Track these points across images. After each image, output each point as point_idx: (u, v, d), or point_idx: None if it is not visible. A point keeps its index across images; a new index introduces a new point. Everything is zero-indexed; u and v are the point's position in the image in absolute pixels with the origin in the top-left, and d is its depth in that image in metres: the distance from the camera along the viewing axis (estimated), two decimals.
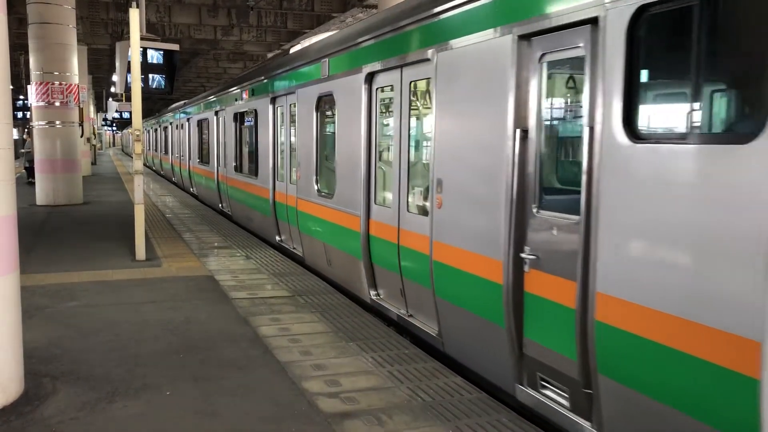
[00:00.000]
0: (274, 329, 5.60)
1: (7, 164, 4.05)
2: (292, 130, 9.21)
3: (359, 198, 6.52)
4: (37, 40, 14.89)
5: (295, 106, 8.88)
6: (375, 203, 6.36)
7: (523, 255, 4.07)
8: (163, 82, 10.59)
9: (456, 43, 4.80)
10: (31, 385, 4.29)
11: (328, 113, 7.93)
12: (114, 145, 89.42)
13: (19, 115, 29.68)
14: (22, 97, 29.08)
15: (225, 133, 13.77)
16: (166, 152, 26.12)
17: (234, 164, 12.93)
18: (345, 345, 5.21)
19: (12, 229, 4.09)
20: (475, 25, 4.55)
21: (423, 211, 5.51)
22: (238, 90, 12.48)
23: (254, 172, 11.07)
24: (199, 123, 17.36)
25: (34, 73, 15.07)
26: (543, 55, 3.94)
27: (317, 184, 8.01)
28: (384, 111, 6.43)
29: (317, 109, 7.98)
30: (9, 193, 4.05)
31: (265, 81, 10.43)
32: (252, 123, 11.36)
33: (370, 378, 4.51)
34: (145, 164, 33.18)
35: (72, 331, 5.54)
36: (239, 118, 12.62)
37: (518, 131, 4.05)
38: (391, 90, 6.07)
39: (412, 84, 5.69)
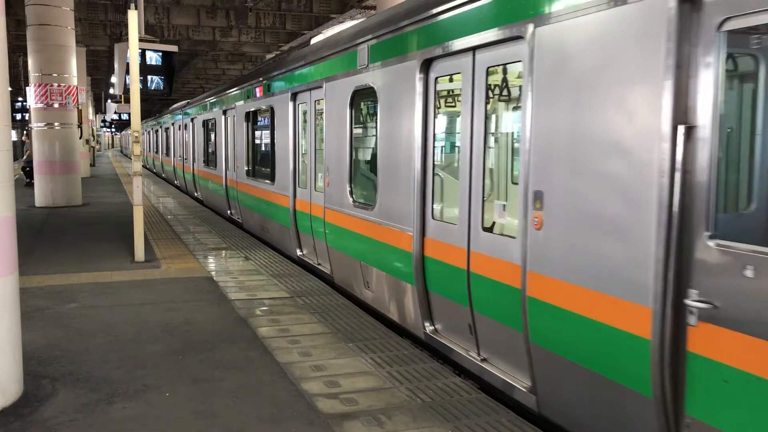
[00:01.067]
0: (274, 330, 5.60)
1: (6, 166, 4.06)
2: (319, 130, 8.02)
3: (410, 211, 5.41)
4: (36, 41, 14.90)
5: (322, 102, 7.68)
6: (432, 218, 5.23)
7: (688, 302, 2.97)
8: (161, 84, 10.59)
9: (566, 13, 3.63)
10: (31, 386, 4.30)
11: (367, 109, 6.90)
12: (113, 147, 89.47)
13: (18, 116, 29.68)
14: (20, 98, 29.08)
15: (235, 134, 12.58)
16: (168, 154, 24.94)
17: (246, 168, 11.65)
18: (344, 346, 5.22)
19: (11, 230, 4.09)
20: None
21: (507, 232, 4.43)
22: (251, 86, 11.21)
23: (270, 177, 9.91)
24: (205, 123, 16.18)
25: (32, 75, 15.08)
26: (724, 21, 2.82)
27: (352, 194, 6.83)
28: (446, 105, 5.48)
29: (352, 104, 6.79)
30: (8, 195, 4.06)
31: (284, 75, 9.22)
32: (267, 122, 10.24)
33: (369, 379, 4.52)
34: (145, 166, 33.30)
35: (71, 332, 5.54)
36: (252, 117, 11.41)
37: (681, 128, 2.97)
38: (456, 79, 4.98)
39: (491, 70, 4.55)
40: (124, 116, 35.73)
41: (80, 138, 17.00)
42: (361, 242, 6.55)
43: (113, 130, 69.45)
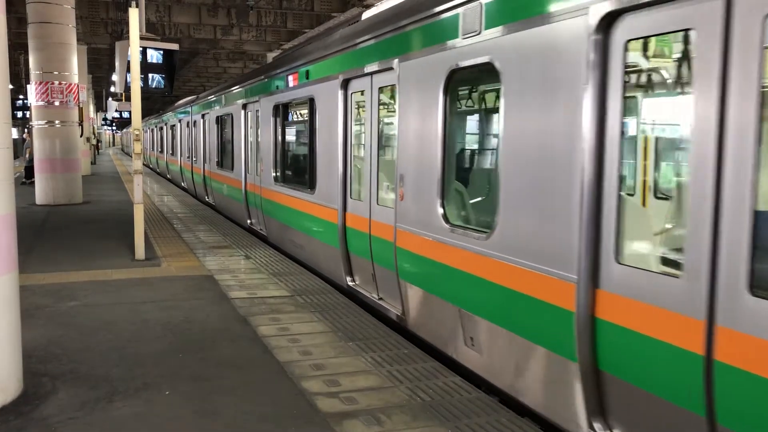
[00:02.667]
0: (274, 329, 5.60)
1: (6, 164, 4.06)
2: (384, 127, 6.39)
3: (571, 247, 3.61)
4: (37, 39, 14.90)
5: (393, 90, 5.96)
6: (617, 261, 3.38)
7: None
8: (162, 82, 10.59)
9: None
10: (31, 384, 4.30)
11: (477, 95, 5.31)
12: (114, 145, 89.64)
13: (19, 114, 29.71)
14: (21, 96, 29.12)
15: (259, 132, 10.78)
16: (174, 154, 22.99)
17: (274, 173, 9.85)
18: (344, 345, 5.21)
19: (11, 228, 4.09)
20: None
21: None
22: (282, 74, 9.40)
23: (308, 184, 8.17)
24: (219, 120, 14.31)
25: (33, 73, 15.08)
26: None
27: (445, 215, 5.01)
28: (645, 86, 3.89)
29: (447, 89, 4.96)
30: (8, 193, 4.06)
31: (331, 57, 7.38)
32: (305, 117, 8.53)
33: (369, 378, 4.51)
34: (148, 166, 33.19)
35: (71, 330, 5.54)
36: (282, 111, 9.58)
37: None
38: (680, 41, 3.44)
39: None
40: (125, 114, 35.76)
41: (81, 136, 17.01)
42: (463, 283, 4.72)
43: (114, 128, 69.59)
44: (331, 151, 7.33)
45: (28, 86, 17.05)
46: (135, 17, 8.71)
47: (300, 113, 9.05)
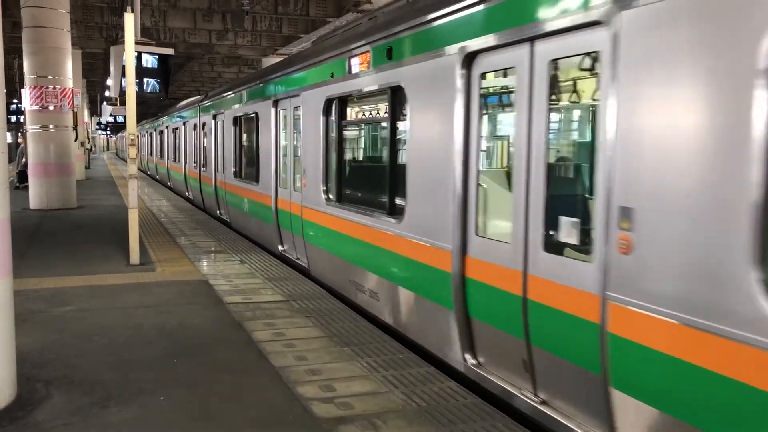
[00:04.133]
0: (269, 334, 5.59)
1: (1, 168, 4.05)
2: (571, 123, 4.49)
3: None
4: (32, 43, 14.87)
5: (595, 62, 3.64)
6: None
7: None
8: (157, 86, 10.60)
9: None
10: (25, 389, 4.28)
11: None
12: (108, 149, 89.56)
13: (13, 119, 29.64)
14: (15, 101, 29.05)
15: (301, 136, 8.50)
16: (177, 160, 20.73)
17: (325, 191, 7.56)
18: (340, 350, 5.21)
19: (5, 233, 4.08)
20: None
21: None
22: (339, 58, 7.05)
23: (389, 209, 6.02)
24: (238, 121, 12.19)
25: (28, 77, 15.04)
26: None
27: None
28: None
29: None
30: (3, 197, 4.05)
31: (441, 24, 4.98)
32: (383, 114, 6.59)
33: (364, 383, 4.51)
34: (146, 173, 33.07)
35: (66, 335, 5.52)
36: (338, 107, 7.28)
37: None
38: None
39: None
40: (120, 119, 35.68)
41: (75, 140, 16.96)
42: None
43: (109, 132, 69.45)
44: (434, 163, 5.06)
45: (22, 90, 17.02)
46: (130, 22, 8.71)
47: (373, 109, 7.11)
